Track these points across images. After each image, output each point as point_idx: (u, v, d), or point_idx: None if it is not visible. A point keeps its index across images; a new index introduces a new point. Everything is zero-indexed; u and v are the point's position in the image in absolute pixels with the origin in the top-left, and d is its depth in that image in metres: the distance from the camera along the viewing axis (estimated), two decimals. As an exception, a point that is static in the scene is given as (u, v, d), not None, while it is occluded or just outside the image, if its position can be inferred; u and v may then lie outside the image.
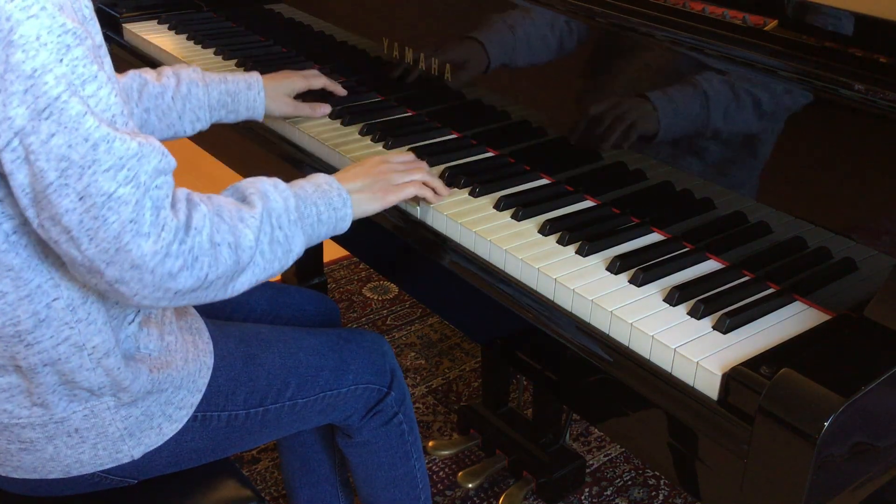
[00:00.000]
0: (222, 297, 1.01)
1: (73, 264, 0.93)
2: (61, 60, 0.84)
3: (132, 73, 1.38)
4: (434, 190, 1.28)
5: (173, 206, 0.94)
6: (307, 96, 1.57)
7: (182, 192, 0.97)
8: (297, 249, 1.09)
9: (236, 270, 1.00)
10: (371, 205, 1.21)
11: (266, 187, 1.08)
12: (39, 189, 0.87)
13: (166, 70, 1.40)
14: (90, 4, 0.94)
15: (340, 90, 1.62)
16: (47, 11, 0.84)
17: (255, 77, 1.48)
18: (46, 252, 0.97)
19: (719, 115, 1.12)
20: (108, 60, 0.95)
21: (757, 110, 1.08)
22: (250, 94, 1.46)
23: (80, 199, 0.87)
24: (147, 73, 1.39)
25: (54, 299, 0.99)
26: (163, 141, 1.32)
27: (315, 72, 1.59)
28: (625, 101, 1.23)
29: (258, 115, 1.49)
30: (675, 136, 1.18)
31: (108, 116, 0.88)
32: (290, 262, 1.08)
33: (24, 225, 0.95)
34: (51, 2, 0.84)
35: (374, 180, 1.22)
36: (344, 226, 1.17)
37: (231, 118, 1.47)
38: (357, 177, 1.22)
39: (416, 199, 1.29)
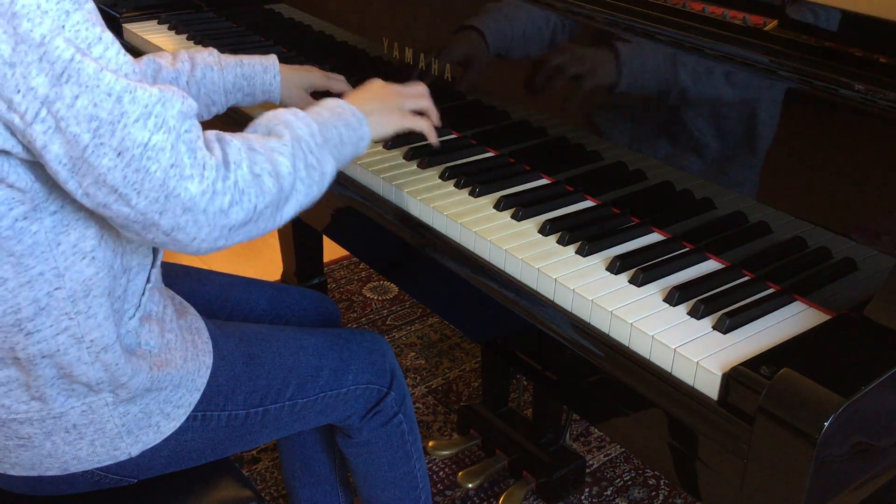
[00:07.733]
0: (271, 227, 1.04)
1: (126, 224, 0.94)
2: (63, 26, 0.85)
3: (147, 57, 1.36)
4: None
5: (207, 146, 0.97)
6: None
7: (212, 133, 1.00)
8: (330, 172, 1.12)
9: (280, 198, 1.03)
10: (384, 129, 1.24)
11: (287, 117, 1.10)
12: (76, 155, 0.88)
13: (182, 54, 1.38)
14: None
15: None
16: None
17: (271, 60, 1.45)
18: (57, 241, 0.98)
19: (736, 120, 1.12)
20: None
21: (757, 110, 1.08)
22: (266, 77, 1.43)
23: (119, 154, 0.89)
24: (161, 58, 1.37)
25: (56, 288, 0.99)
26: None
27: (340, 76, 1.55)
28: (623, 98, 1.23)
29: (275, 98, 1.46)
30: (679, 134, 1.18)
31: (122, 74, 0.90)
32: (326, 186, 1.11)
33: (34, 210, 0.96)
34: None
35: (385, 105, 1.25)
36: (364, 145, 1.19)
37: (248, 101, 1.44)
38: (367, 100, 1.24)
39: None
